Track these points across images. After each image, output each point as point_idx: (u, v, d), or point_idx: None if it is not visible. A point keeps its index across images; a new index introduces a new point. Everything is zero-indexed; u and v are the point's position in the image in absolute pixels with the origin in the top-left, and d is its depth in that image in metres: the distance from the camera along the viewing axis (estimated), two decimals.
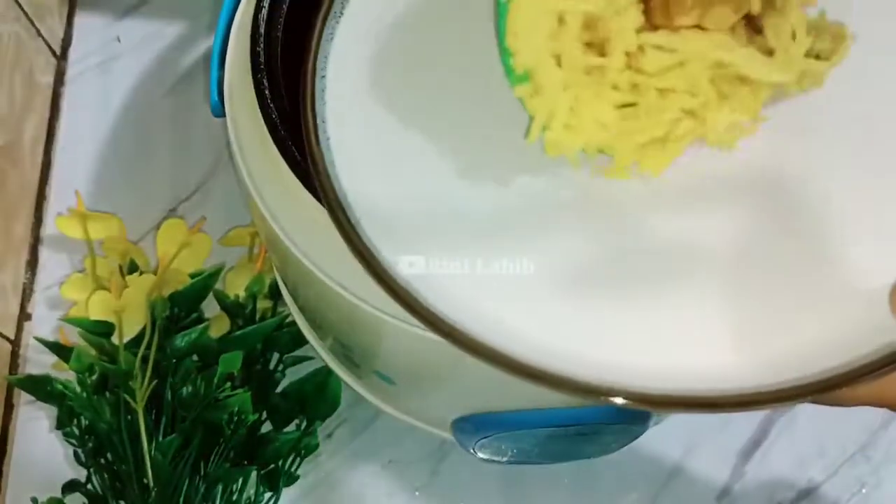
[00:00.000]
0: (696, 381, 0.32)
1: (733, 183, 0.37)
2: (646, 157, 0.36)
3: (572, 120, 0.35)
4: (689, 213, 0.36)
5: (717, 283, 0.35)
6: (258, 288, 0.65)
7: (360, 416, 0.65)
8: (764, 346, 0.34)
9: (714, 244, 0.36)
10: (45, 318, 0.69)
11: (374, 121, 0.39)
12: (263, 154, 0.47)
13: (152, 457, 0.58)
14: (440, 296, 0.35)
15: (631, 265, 0.36)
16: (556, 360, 0.33)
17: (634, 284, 0.35)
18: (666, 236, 0.36)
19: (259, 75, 0.48)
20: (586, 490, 0.63)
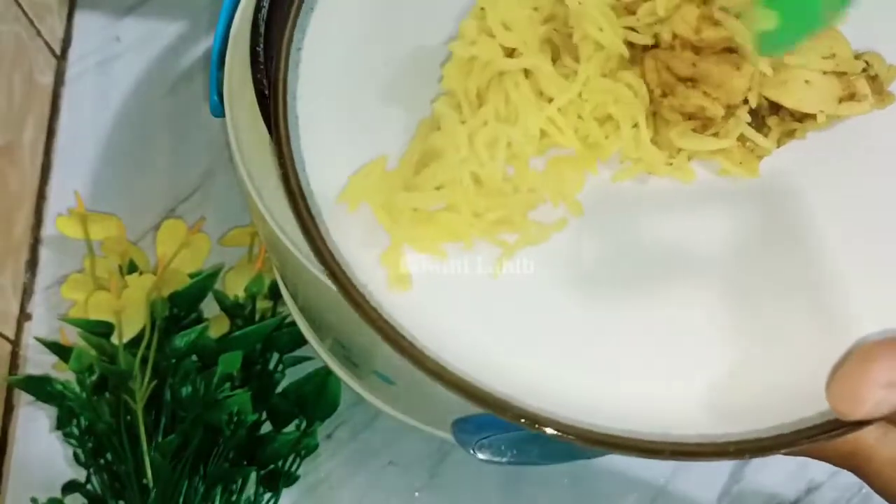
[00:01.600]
0: (646, 423, 0.32)
1: (727, 194, 0.36)
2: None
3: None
4: (679, 221, 0.36)
5: (700, 302, 0.34)
6: (258, 288, 0.65)
7: (359, 416, 0.65)
8: (731, 392, 0.33)
9: (702, 258, 0.35)
10: (45, 318, 0.69)
11: (345, 100, 0.38)
12: (263, 154, 0.47)
13: (152, 457, 0.58)
14: (410, 313, 0.34)
15: (621, 271, 0.35)
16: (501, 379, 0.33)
17: (620, 291, 0.35)
18: (652, 247, 0.35)
19: (259, 75, 0.48)
20: (586, 491, 0.63)
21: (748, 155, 0.36)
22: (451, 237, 0.35)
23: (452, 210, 0.35)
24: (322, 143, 0.37)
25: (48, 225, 0.72)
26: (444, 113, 0.36)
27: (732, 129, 0.35)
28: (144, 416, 0.59)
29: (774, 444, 0.31)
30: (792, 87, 0.35)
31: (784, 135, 0.36)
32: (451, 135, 0.35)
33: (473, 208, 0.35)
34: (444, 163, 0.35)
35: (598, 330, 0.34)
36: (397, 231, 0.35)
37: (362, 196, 0.36)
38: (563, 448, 0.57)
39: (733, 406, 0.33)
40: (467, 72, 0.37)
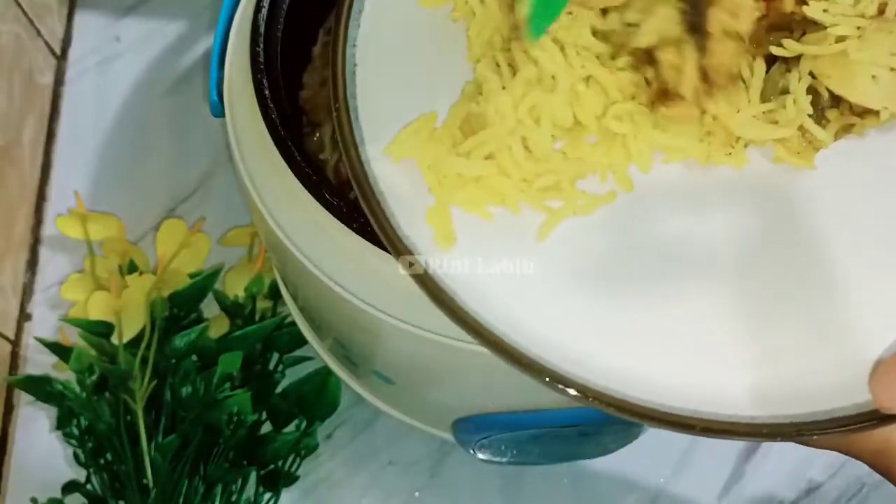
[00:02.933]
0: (681, 400, 0.32)
1: (743, 190, 0.36)
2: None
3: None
4: (694, 216, 0.36)
5: (719, 297, 0.35)
6: (258, 288, 0.65)
7: (359, 416, 0.65)
8: (758, 372, 0.33)
9: (716, 258, 0.35)
10: (45, 318, 0.69)
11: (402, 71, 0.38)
12: (263, 154, 0.47)
13: (152, 457, 0.58)
14: (452, 270, 0.35)
15: (635, 266, 0.35)
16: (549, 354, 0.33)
17: (638, 286, 0.35)
18: (671, 240, 0.36)
19: (259, 75, 0.47)
20: (586, 491, 0.63)
21: (806, 146, 0.36)
22: (498, 200, 0.35)
23: (502, 174, 0.35)
24: (377, 94, 0.37)
25: (48, 225, 0.72)
26: (486, 76, 0.36)
27: (793, 118, 0.35)
28: (144, 416, 0.59)
29: (808, 429, 0.32)
30: (857, 80, 0.35)
31: (843, 129, 0.36)
32: (495, 102, 0.35)
33: (522, 174, 0.35)
34: (493, 132, 0.35)
35: (632, 310, 0.34)
36: (444, 192, 0.35)
37: (410, 152, 0.36)
38: (563, 448, 0.57)
39: (769, 390, 0.33)
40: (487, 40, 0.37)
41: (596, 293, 0.35)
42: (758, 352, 0.34)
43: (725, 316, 0.34)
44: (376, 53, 0.38)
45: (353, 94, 0.37)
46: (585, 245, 0.35)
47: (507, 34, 0.37)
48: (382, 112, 0.37)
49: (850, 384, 0.32)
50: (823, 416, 0.32)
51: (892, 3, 0.36)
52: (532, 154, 0.35)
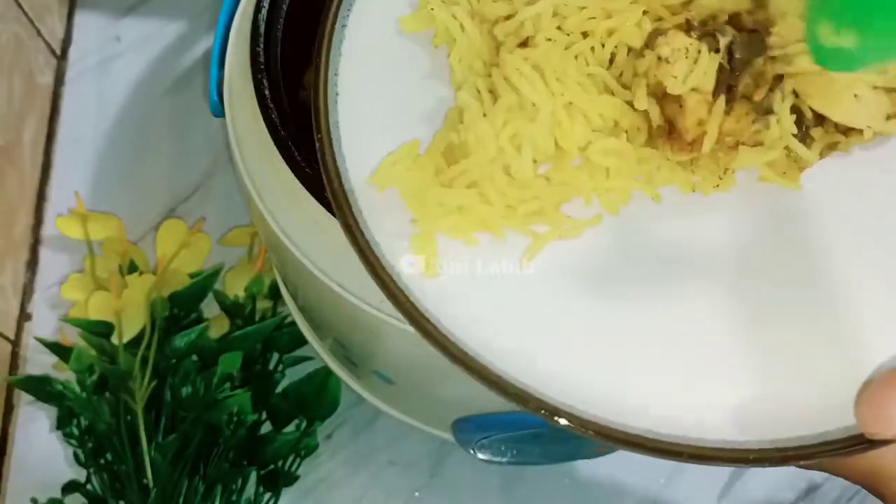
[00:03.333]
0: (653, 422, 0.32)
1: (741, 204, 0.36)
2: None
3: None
4: (692, 224, 0.36)
5: (704, 315, 0.34)
6: (258, 288, 0.65)
7: (359, 416, 0.65)
8: (743, 394, 0.33)
9: (712, 266, 0.35)
10: (45, 318, 0.69)
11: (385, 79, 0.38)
12: (263, 154, 0.47)
13: (152, 457, 0.58)
14: (436, 298, 0.34)
15: (621, 286, 0.35)
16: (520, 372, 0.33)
17: (623, 305, 0.35)
18: (668, 247, 0.36)
19: (259, 75, 0.47)
20: (586, 491, 0.63)
21: (791, 165, 0.36)
22: (483, 227, 0.35)
23: (485, 202, 0.35)
24: (359, 122, 0.37)
25: (48, 225, 0.72)
26: (467, 104, 0.36)
27: (778, 138, 0.35)
28: (144, 416, 0.59)
29: (796, 455, 0.31)
30: (840, 99, 0.34)
31: (827, 147, 0.36)
32: (475, 130, 0.35)
33: (506, 201, 0.35)
34: (475, 160, 0.35)
35: (617, 329, 0.34)
36: (427, 221, 0.35)
37: (393, 181, 0.36)
38: (563, 448, 0.57)
39: (756, 415, 0.33)
40: (469, 67, 0.37)
41: (583, 315, 0.34)
42: (745, 372, 0.33)
43: (712, 334, 0.34)
44: (359, 81, 0.38)
45: (336, 122, 0.37)
46: (571, 268, 0.35)
47: (488, 60, 0.37)
48: (366, 141, 0.37)
49: (838, 406, 0.32)
50: (811, 441, 0.32)
51: None
52: (515, 181, 0.35)
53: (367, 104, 0.37)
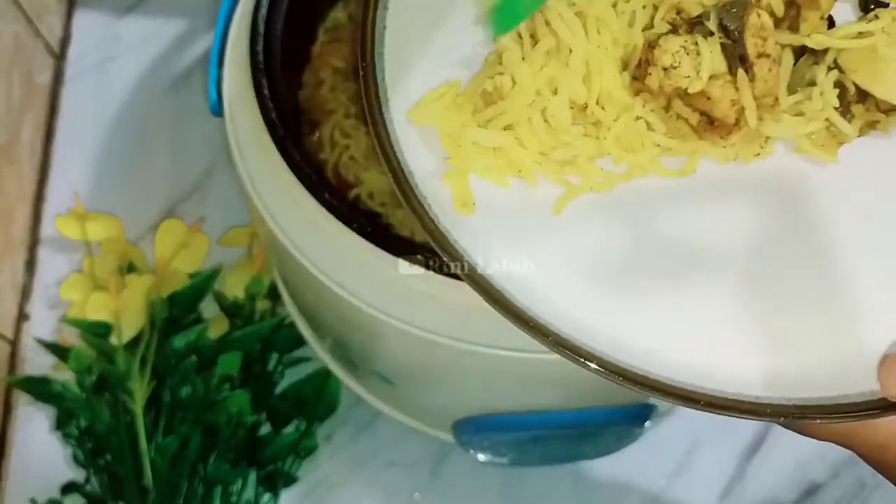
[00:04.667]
0: (685, 375, 0.32)
1: (759, 185, 0.37)
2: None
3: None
4: (711, 210, 0.36)
5: (732, 284, 0.35)
6: (257, 288, 0.65)
7: (359, 417, 0.65)
8: (767, 357, 0.34)
9: (731, 246, 0.35)
10: (43, 318, 0.68)
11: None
12: (262, 154, 0.47)
13: (151, 458, 0.58)
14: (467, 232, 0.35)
15: (651, 260, 0.35)
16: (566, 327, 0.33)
17: (653, 275, 0.35)
18: (684, 233, 0.36)
19: (258, 75, 0.47)
20: (587, 491, 0.63)
21: (829, 139, 0.36)
22: (515, 172, 0.36)
23: (520, 145, 0.35)
24: (404, 56, 0.37)
25: (47, 225, 0.72)
26: (507, 46, 0.36)
27: (820, 110, 0.35)
28: (144, 416, 0.59)
29: (812, 412, 0.32)
30: (885, 76, 0.35)
31: (867, 124, 0.36)
32: (514, 73, 0.35)
33: (541, 146, 0.35)
34: (511, 102, 0.35)
35: (643, 288, 0.35)
36: (461, 160, 0.35)
37: (431, 118, 0.36)
38: (563, 449, 0.57)
39: (778, 375, 0.33)
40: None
41: (612, 279, 0.35)
42: (769, 339, 0.34)
43: (739, 304, 0.34)
44: (406, 18, 0.38)
45: (381, 53, 0.37)
46: (601, 235, 0.35)
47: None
48: (408, 76, 0.37)
49: (859, 374, 0.33)
50: (829, 401, 0.32)
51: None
52: (551, 127, 0.36)
53: (413, 41, 0.38)
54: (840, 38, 0.35)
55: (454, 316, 0.43)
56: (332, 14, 0.58)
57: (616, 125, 0.36)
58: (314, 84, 0.55)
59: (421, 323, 0.43)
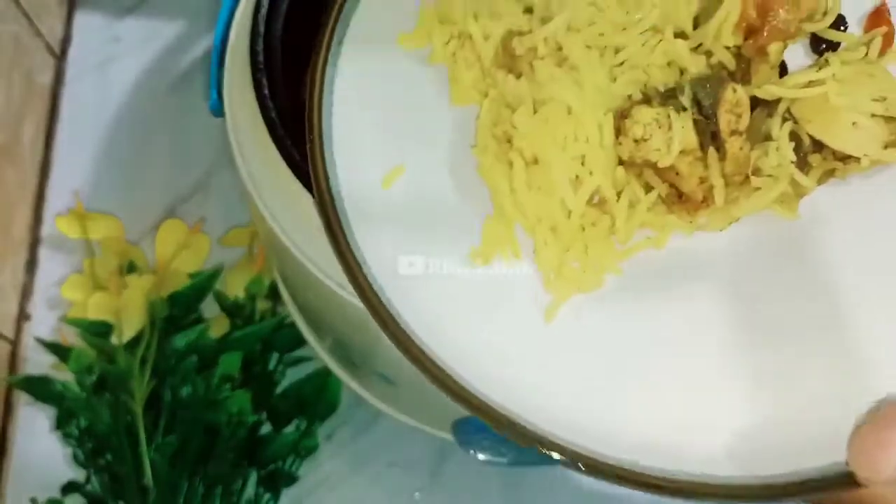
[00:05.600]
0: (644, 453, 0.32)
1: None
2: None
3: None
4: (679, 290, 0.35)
5: (706, 348, 0.34)
6: (257, 288, 0.65)
7: (360, 417, 0.65)
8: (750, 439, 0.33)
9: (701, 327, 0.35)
10: (44, 318, 0.68)
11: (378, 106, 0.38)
12: (263, 154, 0.47)
13: (151, 458, 0.58)
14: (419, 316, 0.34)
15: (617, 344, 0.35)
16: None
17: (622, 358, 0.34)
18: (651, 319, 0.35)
19: (258, 75, 0.47)
20: (587, 491, 0.63)
21: (789, 195, 0.35)
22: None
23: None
24: (352, 135, 0.37)
25: (47, 225, 0.72)
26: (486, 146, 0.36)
27: (777, 167, 0.34)
28: (144, 416, 0.59)
29: (783, 493, 0.31)
30: (838, 126, 0.34)
31: (825, 174, 0.36)
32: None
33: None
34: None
35: (611, 350, 0.34)
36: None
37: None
38: None
39: (748, 450, 0.32)
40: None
41: (584, 350, 0.34)
42: (737, 400, 0.33)
43: (711, 367, 0.34)
44: (354, 96, 0.38)
45: (330, 131, 0.37)
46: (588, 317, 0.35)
47: (495, 79, 0.37)
48: (357, 154, 0.37)
49: (832, 440, 0.31)
50: (800, 478, 0.31)
51: (872, 46, 0.36)
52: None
53: (362, 119, 0.37)
54: (791, 87, 0.35)
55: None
56: None
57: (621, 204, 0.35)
58: None
59: None
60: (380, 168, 0.36)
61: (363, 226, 0.35)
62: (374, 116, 0.37)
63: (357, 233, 0.35)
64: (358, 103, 0.37)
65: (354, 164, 0.36)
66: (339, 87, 0.38)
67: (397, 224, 0.36)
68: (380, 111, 0.38)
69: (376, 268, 0.35)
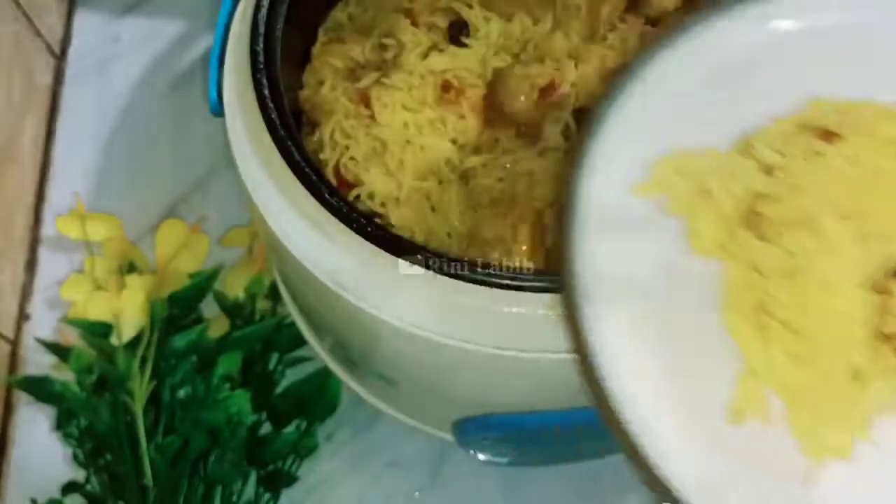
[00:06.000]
0: None
1: None
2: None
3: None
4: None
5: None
6: (257, 288, 0.65)
7: (360, 417, 0.65)
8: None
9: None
10: (44, 318, 0.68)
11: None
12: (262, 154, 0.47)
13: (151, 458, 0.58)
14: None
15: None
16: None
17: None
18: None
19: (259, 75, 0.47)
20: (587, 491, 0.63)
21: None
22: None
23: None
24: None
25: (47, 225, 0.72)
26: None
27: None
28: (144, 416, 0.59)
29: None
30: None
31: None
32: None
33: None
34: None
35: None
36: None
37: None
38: (563, 449, 0.57)
39: None
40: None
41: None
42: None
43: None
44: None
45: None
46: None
47: (738, 239, 0.37)
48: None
49: None
50: None
51: None
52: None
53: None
54: None
55: (454, 316, 0.43)
56: (332, 14, 0.58)
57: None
58: (314, 84, 0.55)
59: (421, 323, 0.43)
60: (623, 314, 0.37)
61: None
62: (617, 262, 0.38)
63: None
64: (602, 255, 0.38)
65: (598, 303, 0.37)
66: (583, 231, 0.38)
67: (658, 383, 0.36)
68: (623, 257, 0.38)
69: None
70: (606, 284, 0.37)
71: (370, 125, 0.53)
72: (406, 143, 0.52)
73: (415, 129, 0.52)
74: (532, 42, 0.56)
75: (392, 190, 0.51)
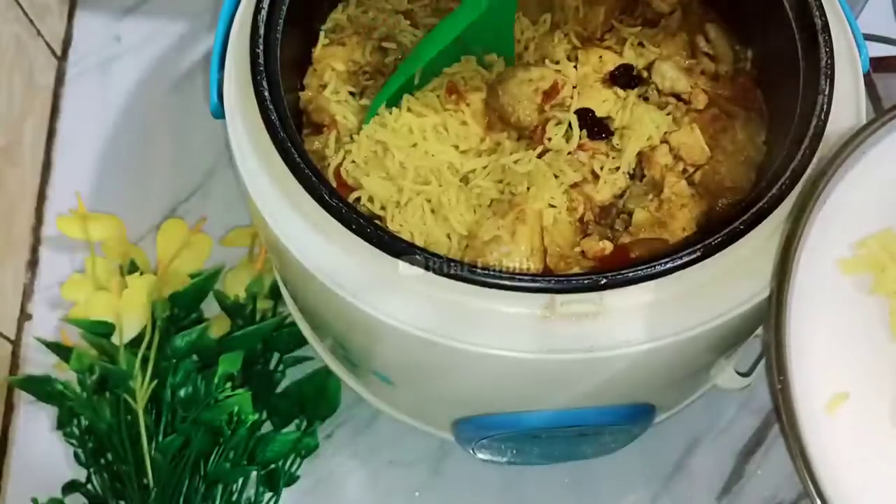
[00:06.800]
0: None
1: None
2: None
3: None
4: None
5: None
6: (258, 288, 0.65)
7: (360, 416, 0.65)
8: None
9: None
10: (45, 318, 0.69)
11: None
12: (263, 155, 0.47)
13: (152, 457, 0.58)
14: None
15: None
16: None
17: None
18: None
19: (259, 76, 0.48)
20: (586, 491, 0.63)
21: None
22: None
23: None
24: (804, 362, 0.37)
25: (49, 225, 0.72)
26: None
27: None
28: (145, 416, 0.59)
29: None
30: None
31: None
32: None
33: None
34: None
35: None
36: None
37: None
38: (562, 449, 0.57)
39: None
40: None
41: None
42: None
43: None
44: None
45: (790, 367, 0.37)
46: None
47: None
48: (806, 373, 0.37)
49: None
50: None
51: None
52: None
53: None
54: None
55: (454, 316, 0.43)
56: (332, 16, 0.58)
57: None
58: (316, 86, 0.55)
59: (421, 323, 0.44)
60: (826, 392, 0.37)
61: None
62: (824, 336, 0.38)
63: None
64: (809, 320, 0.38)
65: (804, 382, 0.37)
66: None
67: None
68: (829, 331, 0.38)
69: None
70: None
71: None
72: (410, 148, 0.52)
73: (419, 134, 0.52)
74: (533, 42, 0.56)
75: (392, 194, 0.51)
